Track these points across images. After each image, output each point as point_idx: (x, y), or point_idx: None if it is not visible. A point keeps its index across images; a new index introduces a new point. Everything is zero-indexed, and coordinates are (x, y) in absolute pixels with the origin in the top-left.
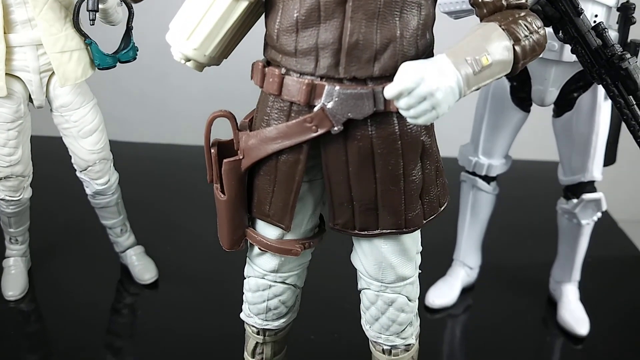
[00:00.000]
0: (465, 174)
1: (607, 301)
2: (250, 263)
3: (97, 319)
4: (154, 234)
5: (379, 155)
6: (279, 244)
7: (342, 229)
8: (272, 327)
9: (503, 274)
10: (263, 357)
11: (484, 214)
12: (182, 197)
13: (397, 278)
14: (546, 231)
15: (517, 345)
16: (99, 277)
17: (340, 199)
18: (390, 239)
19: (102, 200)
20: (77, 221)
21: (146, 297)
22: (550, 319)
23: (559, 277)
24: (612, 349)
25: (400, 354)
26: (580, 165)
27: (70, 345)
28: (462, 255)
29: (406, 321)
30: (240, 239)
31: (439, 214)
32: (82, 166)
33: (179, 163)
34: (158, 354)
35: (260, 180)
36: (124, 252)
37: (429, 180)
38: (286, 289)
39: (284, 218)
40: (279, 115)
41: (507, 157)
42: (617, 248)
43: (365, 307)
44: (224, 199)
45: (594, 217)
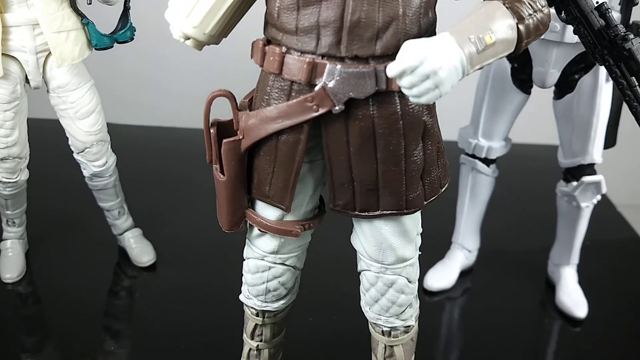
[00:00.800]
0: (465, 156)
1: (606, 284)
2: (250, 244)
3: (94, 302)
4: (152, 216)
5: (381, 135)
6: (278, 225)
7: (342, 210)
8: (272, 309)
9: (502, 257)
10: (262, 339)
11: (483, 196)
12: (181, 180)
13: (397, 259)
14: (545, 215)
15: (515, 327)
16: (96, 260)
17: (341, 179)
18: (391, 220)
19: (100, 183)
20: (75, 204)
21: (144, 279)
22: (549, 301)
23: (557, 260)
24: (610, 331)
25: (399, 335)
26: (580, 148)
27: (68, 327)
28: (460, 238)
29: (406, 303)
30: (239, 220)
31: (439, 195)
32: (80, 148)
33: (178, 146)
34: (156, 337)
35: (260, 160)
36: (122, 235)
37: (430, 160)
38: (286, 270)
39: (284, 199)
40: (280, 95)
41: (507, 139)
42: (615, 232)
43: (365, 289)
44: (224, 179)
45: (594, 199)
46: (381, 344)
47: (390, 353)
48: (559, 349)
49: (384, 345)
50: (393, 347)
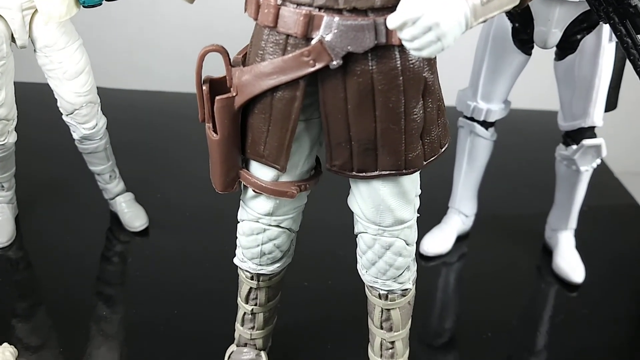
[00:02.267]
0: (463, 119)
1: (603, 249)
2: (244, 206)
3: (86, 267)
4: (144, 181)
5: (380, 91)
6: (274, 186)
7: (339, 170)
8: (267, 272)
9: (498, 222)
10: (257, 303)
11: (481, 160)
12: (173, 144)
13: (395, 221)
14: (542, 180)
15: (511, 292)
16: (88, 225)
17: (338, 138)
18: (389, 181)
19: (90, 146)
20: (65, 168)
21: (137, 244)
22: (545, 266)
23: (555, 225)
24: (606, 296)
25: (396, 299)
26: (581, 110)
27: (60, 293)
28: (457, 203)
29: (403, 265)
30: (233, 181)
31: (439, 155)
32: (69, 110)
33: (171, 110)
34: (149, 302)
35: (255, 118)
36: (114, 199)
37: (430, 119)
38: (281, 232)
39: (279, 158)
40: (275, 49)
41: (507, 102)
42: (613, 198)
43: (362, 251)
44: (216, 138)
45: (593, 163)
46: (378, 307)
47: (387, 317)
48: (556, 313)
49: (381, 308)
50: (390, 311)
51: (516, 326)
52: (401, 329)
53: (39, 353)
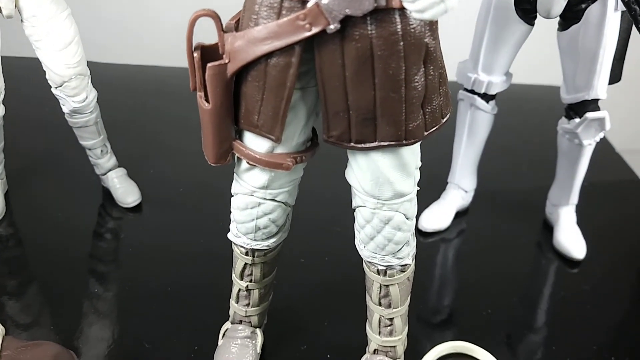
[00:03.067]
0: (464, 92)
1: (604, 225)
2: (238, 179)
3: (78, 244)
4: (136, 156)
5: (379, 57)
6: (268, 158)
7: (336, 141)
8: (262, 248)
9: (498, 198)
10: (252, 279)
11: (481, 134)
12: (167, 119)
13: (395, 194)
14: (543, 155)
15: (511, 269)
16: (79, 201)
17: (336, 107)
18: (389, 153)
19: (80, 119)
20: (56, 143)
21: (129, 220)
22: (546, 242)
23: (556, 200)
24: (608, 272)
25: (395, 274)
26: (584, 82)
27: (52, 270)
28: (457, 178)
29: (403, 240)
30: (226, 153)
31: (441, 126)
32: (58, 82)
33: (162, 85)
34: (142, 279)
35: (248, 87)
36: (105, 175)
37: (431, 87)
38: (276, 206)
39: (274, 129)
40: (269, 13)
41: (508, 74)
42: (614, 173)
43: (360, 226)
44: (209, 107)
45: (597, 137)
46: (376, 283)
47: (386, 293)
48: (556, 290)
49: (379, 284)
50: (389, 287)
51: (516, 303)
52: (400, 306)
53: (29, 331)
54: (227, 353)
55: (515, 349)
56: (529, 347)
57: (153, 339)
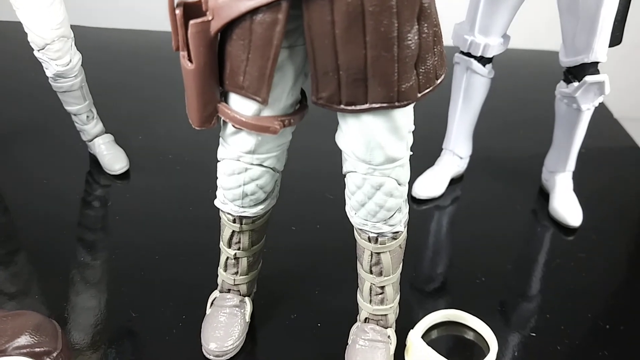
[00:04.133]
0: (460, 55)
1: (601, 192)
2: (224, 143)
3: (65, 212)
4: (124, 122)
5: (370, 14)
6: (255, 121)
7: (326, 103)
8: (250, 215)
9: (494, 165)
10: (240, 247)
11: (477, 99)
12: (153, 85)
13: (387, 159)
14: (540, 121)
15: (506, 237)
16: (66, 168)
17: (325, 67)
18: (381, 115)
19: (65, 84)
20: (41, 109)
21: (117, 188)
22: (541, 210)
23: (552, 166)
24: (604, 240)
25: (387, 242)
26: (584, 44)
27: (38, 239)
28: (452, 144)
29: (395, 207)
30: (211, 116)
31: (435, 87)
32: (40, 44)
33: (150, 50)
34: (130, 247)
35: (233, 45)
36: (92, 141)
37: (426, 46)
38: (264, 172)
39: (261, 90)
40: None
41: (506, 36)
42: (612, 140)
43: (351, 192)
44: (192, 67)
45: (595, 101)
46: (367, 251)
47: (377, 260)
48: (551, 258)
49: (370, 252)
50: (380, 255)
51: (510, 271)
52: (391, 274)
53: (17, 299)
54: (215, 322)
55: (509, 317)
56: (522, 314)
57: (140, 307)
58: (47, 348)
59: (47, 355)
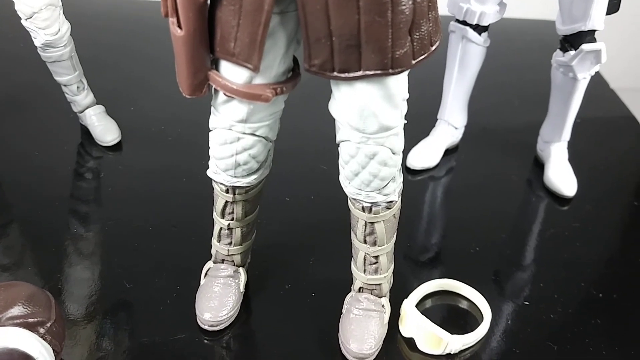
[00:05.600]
0: (455, 23)
1: (596, 162)
2: (215, 112)
3: (57, 184)
4: (115, 93)
5: None
6: (247, 89)
7: (319, 70)
8: (242, 185)
9: (489, 135)
10: (234, 217)
11: (473, 68)
12: (145, 55)
13: (381, 128)
14: (536, 91)
15: (501, 207)
16: (57, 140)
17: (317, 33)
18: (374, 82)
19: (54, 54)
20: (29, 80)
21: (109, 159)
22: (536, 180)
23: (548, 136)
24: (598, 210)
25: (381, 211)
26: (581, 12)
27: (31, 211)
28: (447, 115)
29: (389, 176)
30: (202, 84)
31: (430, 54)
32: (27, 13)
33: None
34: (123, 219)
35: (223, 11)
36: (83, 112)
37: (420, 11)
38: (256, 141)
39: (252, 56)
40: None
41: (502, 3)
42: (608, 109)
43: (344, 161)
44: (181, 34)
45: (592, 70)
46: (361, 220)
47: (371, 230)
48: (546, 227)
49: (364, 222)
50: (374, 224)
51: (505, 240)
52: (385, 243)
53: (10, 271)
54: (209, 292)
55: (503, 286)
56: (516, 284)
57: (134, 278)
58: (41, 318)
59: (41, 326)
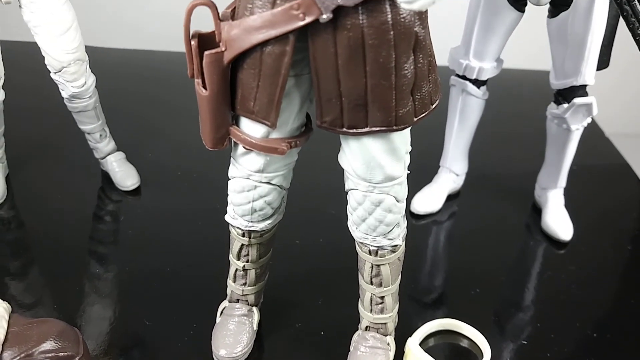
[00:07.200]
0: (455, 77)
1: (591, 208)
2: (235, 163)
3: (79, 226)
4: (134, 140)
5: (370, 46)
6: (264, 143)
7: (329, 126)
8: (258, 229)
9: (489, 181)
10: (248, 259)
11: (472, 119)
12: (163, 104)
13: (386, 178)
14: (533, 139)
15: (501, 250)
16: (79, 184)
17: (329, 94)
18: (380, 138)
19: (79, 104)
20: (55, 127)
21: (129, 203)
22: (534, 224)
23: (545, 183)
24: (594, 253)
25: (386, 255)
26: (573, 69)
27: (53, 251)
28: (448, 162)
29: (393, 222)
30: (223, 138)
31: (430, 112)
32: (57, 67)
33: (161, 69)
34: (142, 260)
35: (244, 74)
36: (105, 159)
37: (421, 74)
38: (272, 189)
39: (270, 114)
40: (264, 3)
41: (499, 60)
42: (603, 157)
43: (352, 208)
44: (206, 94)
45: (584, 122)
46: (368, 263)
47: (377, 272)
48: (543, 270)
49: (371, 264)
50: (380, 266)
51: (505, 282)
52: (391, 285)
53: (33, 310)
54: (224, 330)
55: (502, 326)
56: (515, 323)
57: (153, 317)
58: (70, 353)
59: None
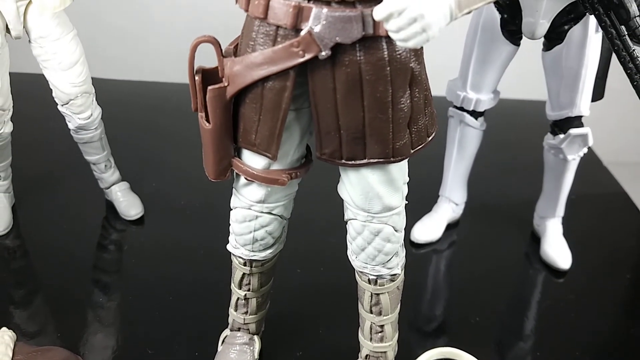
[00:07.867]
0: (453, 109)
1: (590, 236)
2: (237, 194)
3: (83, 255)
4: (139, 170)
5: (367, 81)
6: (265, 174)
7: (329, 158)
8: (259, 258)
9: (488, 210)
10: (250, 288)
11: (470, 149)
12: (167, 134)
13: (384, 208)
14: (531, 169)
15: (500, 279)
16: (84, 214)
17: (328, 127)
18: (378, 169)
19: (85, 135)
20: (61, 158)
21: (132, 232)
22: (533, 253)
23: (543, 212)
24: (593, 282)
25: (385, 283)
26: (568, 100)
27: (57, 281)
28: (448, 191)
29: (392, 251)
30: (226, 169)
31: (426, 144)
32: (64, 100)
33: (164, 101)
34: (145, 289)
35: (246, 108)
36: (109, 189)
37: (417, 108)
38: (273, 219)
39: (271, 147)
40: (265, 40)
41: (496, 92)
42: (601, 186)
43: (352, 238)
44: (209, 127)
45: (580, 152)
46: (367, 292)
47: (377, 301)
48: (543, 299)
49: (370, 293)
50: (379, 295)
51: (504, 311)
52: (390, 313)
53: (36, 339)
54: (226, 358)
55: (502, 354)
56: (514, 352)
57: (156, 345)
58: None
59: None
